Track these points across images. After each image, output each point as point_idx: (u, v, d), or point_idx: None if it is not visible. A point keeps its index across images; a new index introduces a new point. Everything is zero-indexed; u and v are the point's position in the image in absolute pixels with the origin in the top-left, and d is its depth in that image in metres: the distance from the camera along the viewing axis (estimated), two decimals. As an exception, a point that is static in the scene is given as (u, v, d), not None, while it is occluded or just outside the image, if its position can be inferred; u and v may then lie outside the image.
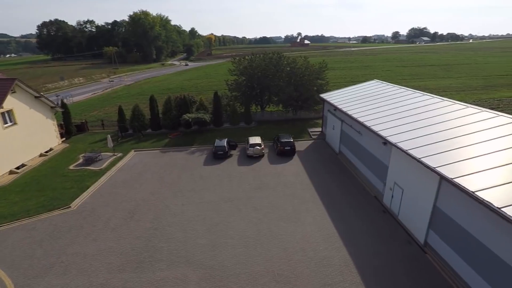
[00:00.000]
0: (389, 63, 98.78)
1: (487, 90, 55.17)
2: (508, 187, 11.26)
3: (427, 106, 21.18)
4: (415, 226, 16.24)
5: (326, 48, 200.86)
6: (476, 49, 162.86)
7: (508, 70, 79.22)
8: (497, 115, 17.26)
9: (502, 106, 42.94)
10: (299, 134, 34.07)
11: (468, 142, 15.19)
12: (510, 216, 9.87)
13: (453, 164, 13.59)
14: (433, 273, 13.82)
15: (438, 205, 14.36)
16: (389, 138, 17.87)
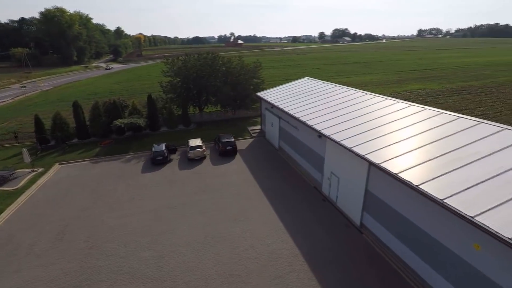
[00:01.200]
0: (318, 62, 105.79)
1: (400, 84, 62.81)
2: (423, 166, 12.96)
3: (353, 100, 23.21)
4: (351, 210, 17.67)
5: (259, 48, 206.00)
6: (389, 48, 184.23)
7: (415, 66, 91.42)
8: (409, 105, 19.73)
9: (413, 97, 49.33)
10: (239, 133, 34.34)
11: (389, 129, 17.06)
12: (427, 192, 11.38)
13: (379, 150, 15.13)
14: (370, 250, 15.23)
15: (369, 189, 15.86)
16: (323, 131, 19.11)
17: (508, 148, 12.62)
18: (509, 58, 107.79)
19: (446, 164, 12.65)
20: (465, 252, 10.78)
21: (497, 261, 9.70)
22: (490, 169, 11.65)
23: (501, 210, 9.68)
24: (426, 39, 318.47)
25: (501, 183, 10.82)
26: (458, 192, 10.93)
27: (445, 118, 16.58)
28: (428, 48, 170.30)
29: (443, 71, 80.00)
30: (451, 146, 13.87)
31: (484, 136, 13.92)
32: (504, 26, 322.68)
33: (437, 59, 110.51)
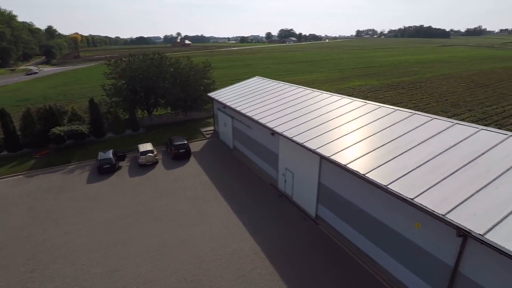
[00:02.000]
0: (267, 61, 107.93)
1: (343, 81, 66.95)
2: (368, 156, 13.99)
3: (303, 97, 24.15)
4: (307, 203, 18.40)
5: (208, 48, 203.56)
6: (331, 47, 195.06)
7: (355, 64, 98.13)
8: (353, 100, 21.14)
9: (355, 93, 52.93)
10: (192, 135, 33.61)
11: (337, 124, 18.09)
12: (373, 179, 12.32)
13: (329, 144, 15.97)
14: (326, 240, 16.02)
15: (322, 182, 16.66)
16: (276, 129, 19.58)
17: (437, 135, 14.21)
18: (433, 56, 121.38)
19: (388, 153, 13.82)
20: (408, 231, 11.90)
21: (433, 236, 10.88)
22: (424, 154, 13.01)
23: (435, 191, 10.87)
24: (364, 39, 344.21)
25: (433, 166, 12.15)
26: (399, 177, 12.01)
27: (384, 111, 18.09)
28: (366, 48, 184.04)
29: (379, 68, 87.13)
30: (390, 136, 15.19)
31: (417, 125, 15.49)
32: (427, 28, 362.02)
33: (374, 57, 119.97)
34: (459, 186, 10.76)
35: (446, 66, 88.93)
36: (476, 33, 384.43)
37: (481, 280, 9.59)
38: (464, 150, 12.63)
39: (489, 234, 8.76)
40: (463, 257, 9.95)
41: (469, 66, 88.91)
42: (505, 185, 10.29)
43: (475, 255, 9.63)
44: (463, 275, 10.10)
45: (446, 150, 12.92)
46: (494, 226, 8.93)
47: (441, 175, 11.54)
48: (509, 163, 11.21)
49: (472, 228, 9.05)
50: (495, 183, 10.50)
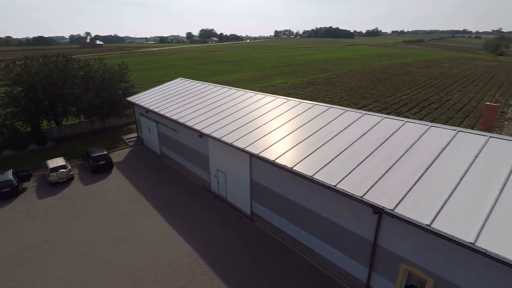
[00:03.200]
0: (189, 62, 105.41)
1: (266, 79, 69.62)
2: (294, 150, 14.77)
3: (229, 97, 24.24)
4: (241, 202, 18.56)
5: (123, 49, 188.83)
6: (252, 47, 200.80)
7: (276, 63, 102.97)
8: (276, 97, 22.07)
9: (278, 91, 55.55)
10: (113, 144, 30.77)
11: (263, 121, 18.63)
12: (299, 171, 13.05)
13: (257, 141, 16.35)
14: (263, 235, 16.42)
15: (254, 179, 17.00)
16: (204, 130, 19.22)
17: (351, 125, 15.79)
18: (341, 54, 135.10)
19: (311, 145, 14.81)
20: (334, 215, 12.95)
21: (355, 216, 12.08)
22: (341, 144, 14.32)
23: (352, 176, 12.06)
24: (282, 39, 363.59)
25: (349, 154, 13.46)
26: (322, 167, 12.98)
27: (305, 106, 19.34)
28: (284, 47, 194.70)
29: (298, 66, 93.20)
30: (312, 129, 16.31)
31: (334, 118, 16.97)
32: (335, 29, 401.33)
33: (292, 56, 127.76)
34: (371, 170, 12.14)
35: (353, 63, 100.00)
36: (374, 34, 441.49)
37: (395, 248, 11.02)
38: (372, 137, 14.30)
39: (397, 208, 10.09)
40: (380, 231, 11.27)
41: (371, 63, 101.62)
42: (405, 165, 11.99)
43: (388, 228, 11.00)
44: (381, 247, 11.45)
45: (358, 139, 14.45)
46: (400, 201, 10.33)
47: (356, 161, 12.85)
48: (407, 145, 13.11)
49: (384, 205, 10.31)
50: (397, 164, 12.16)
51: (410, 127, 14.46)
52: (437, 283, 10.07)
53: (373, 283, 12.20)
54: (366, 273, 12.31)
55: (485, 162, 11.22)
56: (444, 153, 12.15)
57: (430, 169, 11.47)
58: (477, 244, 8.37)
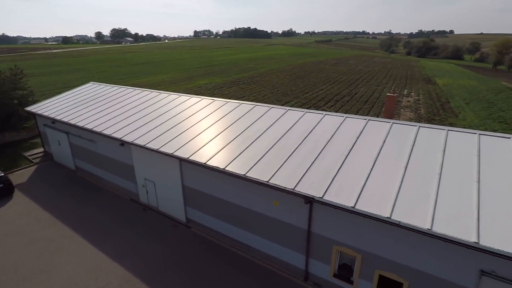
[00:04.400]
0: (102, 64, 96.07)
1: (190, 80, 67.90)
2: (225, 150, 14.64)
3: (151, 101, 22.77)
4: (175, 209, 17.67)
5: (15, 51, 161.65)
6: (172, 48, 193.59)
7: (198, 63, 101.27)
8: (201, 98, 21.61)
9: (203, 91, 54.72)
10: (12, 163, 26.04)
11: (190, 123, 18.02)
12: (232, 171, 13.00)
13: (186, 145, 15.72)
14: (200, 240, 15.92)
15: (186, 184, 16.33)
16: (125, 138, 17.68)
17: (277, 121, 16.40)
18: (261, 54, 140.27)
19: (241, 144, 14.90)
20: (270, 210, 13.28)
21: (289, 208, 12.59)
22: (270, 140, 14.76)
23: (283, 170, 12.54)
24: (202, 39, 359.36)
25: (278, 149, 13.97)
26: (254, 164, 13.17)
27: (231, 106, 19.37)
28: (205, 47, 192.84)
29: (221, 66, 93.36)
30: (241, 128, 16.43)
31: (260, 115, 17.39)
32: (254, 29, 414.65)
33: (215, 56, 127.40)
34: (299, 162, 12.81)
35: (273, 62, 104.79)
36: (289, 34, 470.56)
37: (326, 232, 11.85)
38: (297, 131, 15.11)
39: (325, 195, 10.85)
40: (312, 219, 11.98)
41: (289, 61, 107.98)
42: (328, 155, 12.99)
43: (319, 215, 11.76)
44: (314, 233, 12.18)
45: (285, 134, 15.10)
46: (327, 188, 11.13)
47: (284, 156, 13.40)
48: (328, 136, 14.22)
49: (314, 194, 10.98)
50: (321, 154, 13.09)
51: (329, 120, 15.72)
52: (364, 257, 11.19)
53: (311, 268, 12.93)
54: (303, 260, 12.97)
55: (392, 145, 12.89)
56: (359, 141, 13.54)
57: (349, 156, 12.65)
58: (392, 218, 9.53)
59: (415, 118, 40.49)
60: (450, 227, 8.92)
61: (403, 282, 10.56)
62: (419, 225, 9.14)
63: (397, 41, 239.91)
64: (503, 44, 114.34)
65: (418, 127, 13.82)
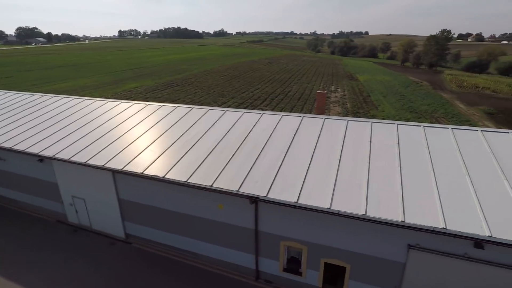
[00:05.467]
0: (7, 68, 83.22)
1: (118, 84, 63.07)
2: (163, 157, 13.87)
3: (73, 108, 20.38)
4: (111, 226, 16.16)
5: None
6: (94, 49, 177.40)
7: (126, 65, 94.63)
8: (132, 103, 20.13)
9: (134, 96, 51.33)
10: None
11: (122, 131, 16.61)
12: (172, 179, 12.39)
13: (119, 155, 14.46)
14: (144, 255, 14.85)
15: (122, 197, 15.04)
16: (44, 153, 15.52)
17: (216, 123, 16.15)
18: (194, 54, 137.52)
19: (180, 149, 14.29)
20: (215, 214, 13.00)
21: (235, 210, 12.51)
22: (210, 143, 14.45)
23: (226, 172, 12.39)
24: (128, 40, 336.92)
25: (219, 151, 13.76)
26: (195, 169, 12.75)
27: (166, 110, 18.46)
28: (133, 48, 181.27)
29: (152, 68, 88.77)
30: (178, 132, 15.76)
31: (198, 118, 16.93)
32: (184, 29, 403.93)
33: (144, 58, 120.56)
34: (241, 163, 12.81)
35: (207, 63, 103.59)
36: (221, 35, 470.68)
37: (273, 229, 12.09)
38: (237, 132, 15.10)
39: (269, 193, 11.05)
40: (259, 218, 12.09)
41: (223, 62, 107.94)
42: (268, 153, 13.25)
43: (265, 213, 11.93)
44: (262, 231, 12.32)
45: (225, 135, 14.96)
46: (271, 186, 11.35)
47: (226, 157, 13.27)
48: (267, 135, 14.51)
49: (258, 194, 11.09)
50: (262, 153, 13.30)
51: (267, 118, 16.06)
52: (310, 248, 11.71)
53: (261, 267, 13.08)
54: (253, 259, 13.04)
55: (326, 139, 13.72)
56: (296, 137, 14.12)
57: (288, 153, 13.10)
58: (332, 208, 10.15)
59: (343, 112, 44.13)
60: (381, 210, 9.86)
61: (346, 265, 11.37)
62: (355, 212, 9.90)
63: (322, 41, 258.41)
64: (408, 44, 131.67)
65: (347, 121, 14.99)
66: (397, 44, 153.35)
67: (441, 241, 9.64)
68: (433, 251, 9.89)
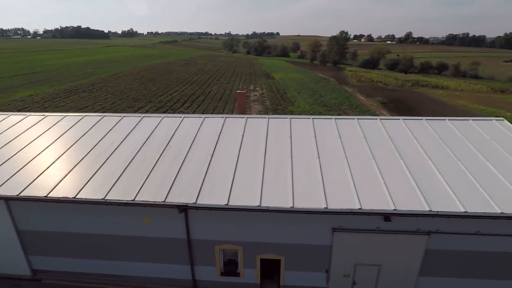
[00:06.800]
0: None
1: (5, 93, 53.02)
2: (72, 174, 12.11)
3: None
4: (10, 265, 13.40)
5: None
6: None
7: (14, 71, 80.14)
8: (26, 115, 17.08)
9: (28, 106, 43.85)
10: None
11: (16, 149, 13.85)
12: (86, 199, 10.94)
13: (13, 178, 12.04)
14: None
15: (21, 228, 12.62)
16: None
17: (133, 130, 14.88)
18: (101, 56, 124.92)
19: (93, 163, 12.72)
20: (141, 230, 11.96)
21: (162, 222, 11.74)
22: (128, 152, 13.26)
23: (149, 183, 11.51)
24: (15, 41, 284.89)
25: (140, 161, 12.71)
26: (113, 184, 11.51)
27: (72, 120, 16.21)
28: (21, 50, 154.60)
29: (49, 73, 77.32)
30: (89, 144, 14.01)
31: (112, 126, 15.35)
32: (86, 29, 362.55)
33: (37, 61, 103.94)
34: (165, 171, 12.09)
35: (117, 65, 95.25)
36: (130, 35, 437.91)
37: (206, 235, 11.74)
38: (158, 138, 14.21)
39: (199, 199, 10.69)
40: (190, 226, 11.58)
41: (135, 64, 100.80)
42: (194, 157, 12.84)
43: (196, 220, 11.49)
44: (195, 239, 11.84)
45: (145, 143, 13.92)
46: (199, 192, 10.99)
47: (148, 167, 12.35)
48: (191, 139, 14.03)
49: (187, 201, 10.63)
50: (187, 158, 12.81)
51: (189, 122, 15.54)
52: (245, 248, 11.77)
53: (198, 275, 12.61)
54: (189, 270, 12.47)
55: (250, 138, 13.98)
56: (221, 138, 14.02)
57: (214, 155, 12.91)
58: (262, 205, 10.37)
59: (263, 110, 45.89)
60: (306, 200, 10.51)
61: (280, 258, 11.79)
62: (284, 206, 10.33)
63: (237, 41, 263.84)
64: (314, 44, 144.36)
65: (268, 118, 15.55)
66: (305, 44, 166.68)
67: (358, 220, 10.80)
68: (353, 230, 11.00)
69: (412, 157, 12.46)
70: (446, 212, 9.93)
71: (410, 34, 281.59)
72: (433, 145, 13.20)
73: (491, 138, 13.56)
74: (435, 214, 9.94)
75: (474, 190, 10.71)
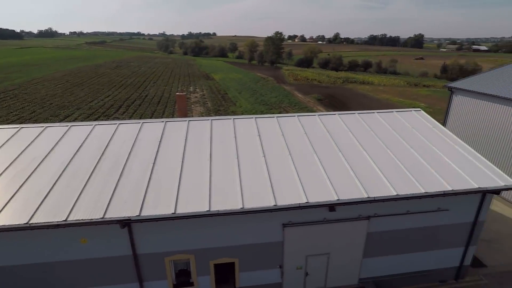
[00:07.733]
0: None
1: None
2: None
3: None
4: None
5: None
6: None
7: None
8: None
9: None
10: None
11: None
12: (6, 225, 9.39)
13: None
14: None
15: None
16: None
17: (60, 142, 13.25)
18: (14, 59, 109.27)
19: (10, 183, 10.97)
20: (77, 252, 10.72)
21: (101, 241, 10.68)
22: (56, 167, 11.76)
23: (83, 199, 10.36)
24: None
25: (71, 175, 11.37)
26: (39, 205, 10.09)
27: (-22, 135, 13.79)
28: None
29: None
30: (4, 161, 12.07)
31: (31, 140, 13.43)
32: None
33: None
34: (102, 184, 11.01)
35: (35, 69, 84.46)
36: (49, 35, 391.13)
37: (154, 248, 11.03)
38: (91, 149, 12.88)
39: (143, 211, 9.96)
40: (135, 240, 10.74)
41: (57, 67, 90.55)
42: (134, 166, 11.95)
43: (141, 233, 10.70)
44: (141, 254, 11.02)
45: (75, 155, 12.49)
46: (142, 203, 10.24)
47: (81, 182, 11.11)
48: (129, 147, 13.03)
49: (129, 215, 9.81)
50: (126, 167, 11.87)
51: (125, 128, 14.42)
52: (196, 255, 11.35)
53: (147, 292, 11.79)
54: (137, 287, 11.59)
55: (193, 141, 13.52)
56: (162, 144, 13.30)
57: (156, 162, 12.19)
58: (211, 209, 10.10)
59: (205, 111, 45.11)
60: (255, 200, 10.53)
61: (234, 260, 11.65)
62: (234, 208, 10.21)
63: (173, 42, 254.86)
64: (251, 44, 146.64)
65: (210, 120, 15.25)
66: (242, 44, 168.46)
67: (306, 213, 11.21)
68: (302, 224, 11.40)
69: (349, 149, 13.40)
70: (382, 197, 10.88)
71: (338, 35, 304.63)
72: (365, 136, 14.37)
73: (412, 127, 15.28)
74: (372, 200, 10.81)
75: (402, 175, 11.94)
